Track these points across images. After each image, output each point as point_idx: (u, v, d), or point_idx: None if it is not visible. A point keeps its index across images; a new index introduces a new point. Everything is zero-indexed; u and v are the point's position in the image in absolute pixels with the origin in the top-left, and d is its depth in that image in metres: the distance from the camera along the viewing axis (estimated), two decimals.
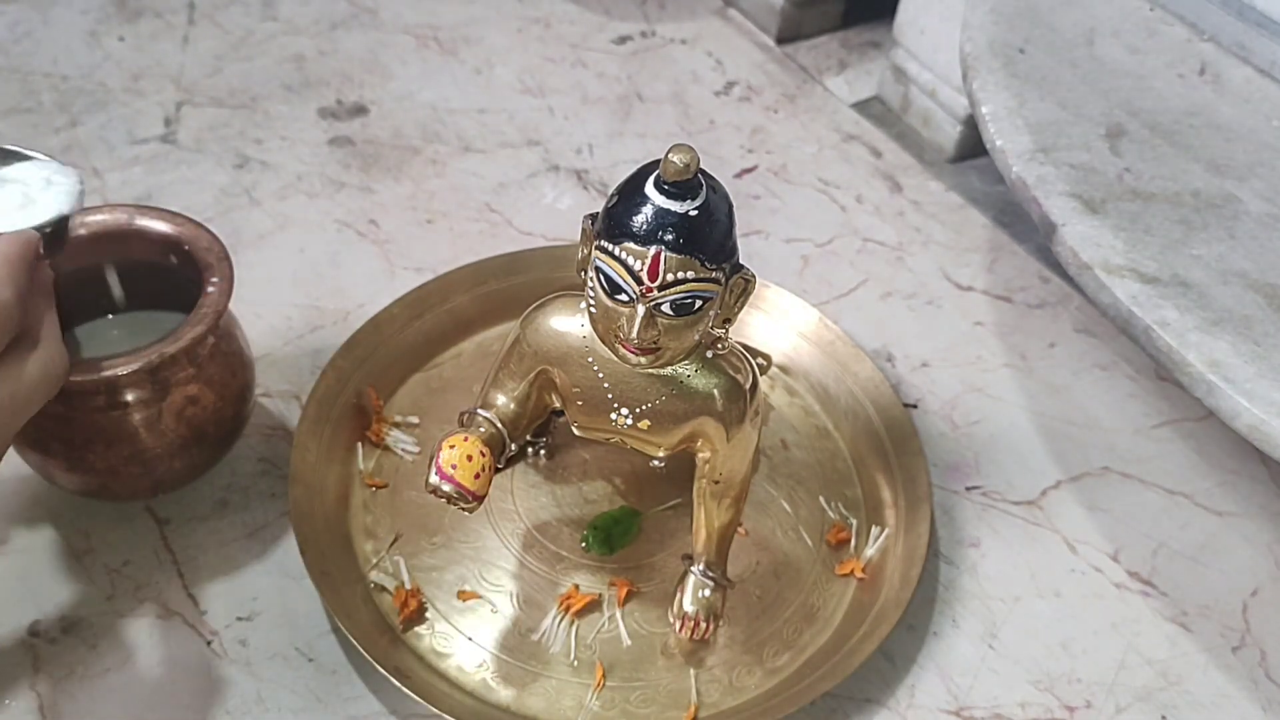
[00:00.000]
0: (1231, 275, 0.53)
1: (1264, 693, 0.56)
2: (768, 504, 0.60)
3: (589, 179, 0.81)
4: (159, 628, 0.54)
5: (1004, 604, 0.58)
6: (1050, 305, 0.75)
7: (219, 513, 0.58)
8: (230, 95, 0.85)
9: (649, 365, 0.46)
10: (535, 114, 0.86)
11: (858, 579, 0.58)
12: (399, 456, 0.61)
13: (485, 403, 0.50)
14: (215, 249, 0.54)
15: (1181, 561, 0.61)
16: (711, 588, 0.53)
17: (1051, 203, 0.56)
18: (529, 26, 0.95)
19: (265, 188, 0.77)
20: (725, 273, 0.43)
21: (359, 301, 0.70)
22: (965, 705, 0.54)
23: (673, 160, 0.40)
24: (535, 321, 0.48)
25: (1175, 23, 0.69)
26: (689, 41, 0.96)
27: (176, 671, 0.52)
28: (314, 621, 0.55)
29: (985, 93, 0.62)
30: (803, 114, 0.89)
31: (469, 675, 0.53)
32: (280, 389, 0.64)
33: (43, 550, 0.56)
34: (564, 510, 0.59)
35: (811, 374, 0.66)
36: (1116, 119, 0.62)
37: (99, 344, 0.57)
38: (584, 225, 0.44)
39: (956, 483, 0.64)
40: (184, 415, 0.52)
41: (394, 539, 0.57)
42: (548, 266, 0.68)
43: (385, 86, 0.87)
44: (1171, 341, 0.49)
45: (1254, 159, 0.60)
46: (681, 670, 0.54)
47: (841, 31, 0.99)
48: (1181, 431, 0.68)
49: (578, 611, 0.55)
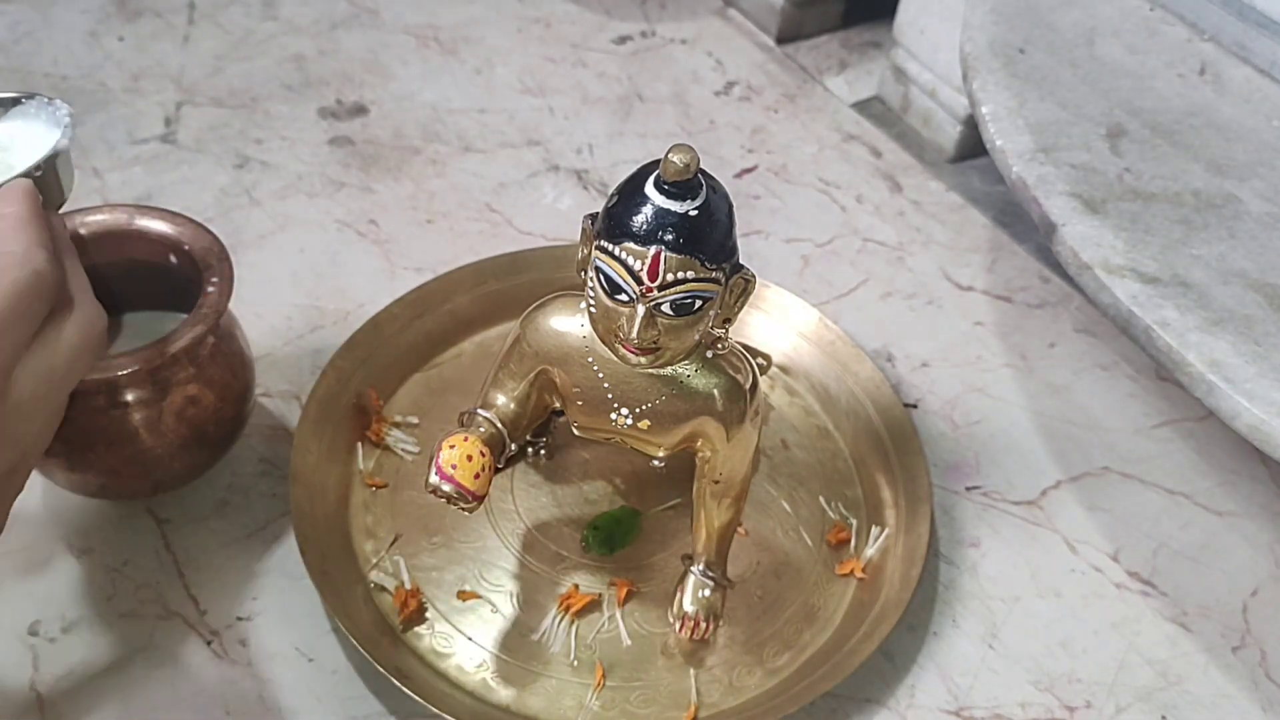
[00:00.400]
0: (1232, 275, 0.53)
1: (1264, 693, 0.56)
2: (768, 504, 0.60)
3: (589, 179, 0.81)
4: (159, 628, 0.54)
5: (1004, 604, 0.58)
6: (1050, 305, 0.75)
7: (219, 513, 0.58)
8: (230, 95, 0.85)
9: (649, 365, 0.46)
10: (535, 114, 0.86)
11: (858, 579, 0.58)
12: (399, 456, 0.61)
13: (485, 403, 0.50)
14: (215, 249, 0.54)
15: (1182, 561, 0.61)
16: (711, 588, 0.53)
17: (1051, 203, 0.56)
18: (529, 26, 0.95)
19: (265, 188, 0.77)
20: (725, 273, 0.43)
21: (359, 301, 0.70)
22: (965, 705, 0.54)
23: (673, 160, 0.40)
24: (535, 321, 0.48)
25: (1175, 23, 0.69)
26: (689, 41, 0.96)
27: (176, 672, 0.52)
28: (314, 621, 0.55)
29: (985, 93, 0.62)
30: (803, 114, 0.89)
31: (469, 675, 0.53)
32: (280, 389, 0.64)
33: (43, 550, 0.56)
34: (564, 510, 0.59)
35: (812, 374, 0.66)
36: (1116, 119, 0.62)
37: None
38: (584, 225, 0.44)
39: (956, 482, 0.64)
40: (184, 415, 0.52)
41: (394, 539, 0.57)
42: (548, 266, 0.68)
43: (385, 86, 0.87)
44: (1171, 341, 0.49)
45: (1254, 159, 0.60)
46: (681, 670, 0.54)
47: (841, 31, 0.99)
48: (1182, 431, 0.68)
49: (578, 611, 0.55)
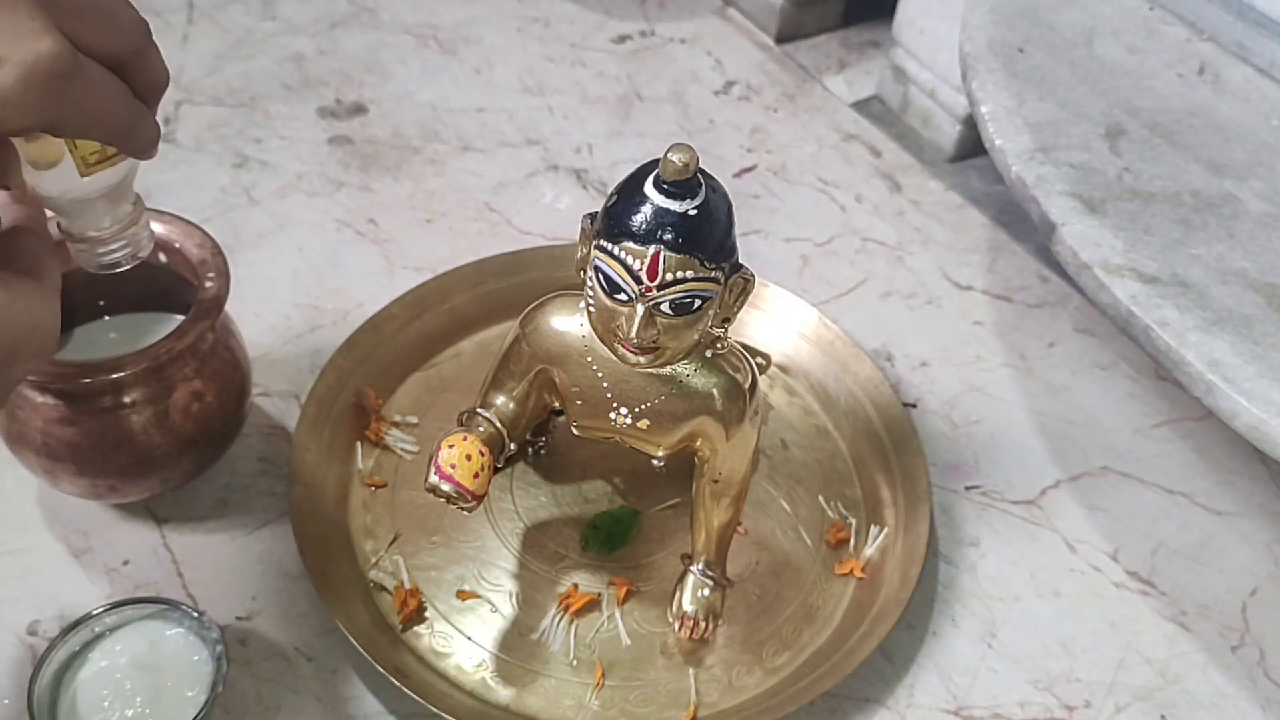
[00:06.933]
0: (1231, 275, 0.53)
1: (1263, 692, 0.56)
2: (767, 504, 0.60)
3: (588, 178, 0.81)
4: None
5: (1003, 603, 0.58)
6: (1050, 305, 0.75)
7: (219, 512, 0.58)
8: (229, 94, 0.85)
9: (648, 365, 0.46)
10: (535, 113, 0.86)
11: (857, 578, 0.58)
12: (398, 456, 0.61)
13: (485, 402, 0.50)
14: (207, 245, 0.54)
15: (1181, 561, 0.61)
16: (711, 587, 0.53)
17: (1051, 202, 0.56)
18: (528, 26, 0.95)
19: (264, 187, 0.77)
20: (724, 272, 0.43)
21: (358, 301, 0.70)
22: (964, 705, 0.54)
23: (672, 160, 0.40)
24: (535, 321, 0.48)
25: (1175, 22, 0.69)
26: (689, 41, 0.96)
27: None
28: (314, 621, 0.54)
29: (985, 92, 0.62)
30: (802, 113, 0.89)
31: (468, 675, 0.53)
32: (280, 388, 0.64)
33: (42, 550, 0.56)
34: (563, 510, 0.59)
35: (811, 374, 0.66)
36: (1116, 119, 0.62)
37: (94, 347, 0.57)
38: (583, 225, 0.44)
39: (956, 482, 0.64)
40: (190, 412, 0.52)
41: (393, 538, 0.57)
42: (547, 266, 0.68)
43: (385, 86, 0.87)
44: (1171, 341, 0.50)
45: (1254, 159, 0.60)
46: (681, 670, 0.54)
47: (841, 31, 0.99)
48: (1181, 431, 0.68)
49: (577, 611, 0.55)
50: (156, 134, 0.38)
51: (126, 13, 0.35)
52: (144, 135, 0.37)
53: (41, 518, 0.57)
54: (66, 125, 0.33)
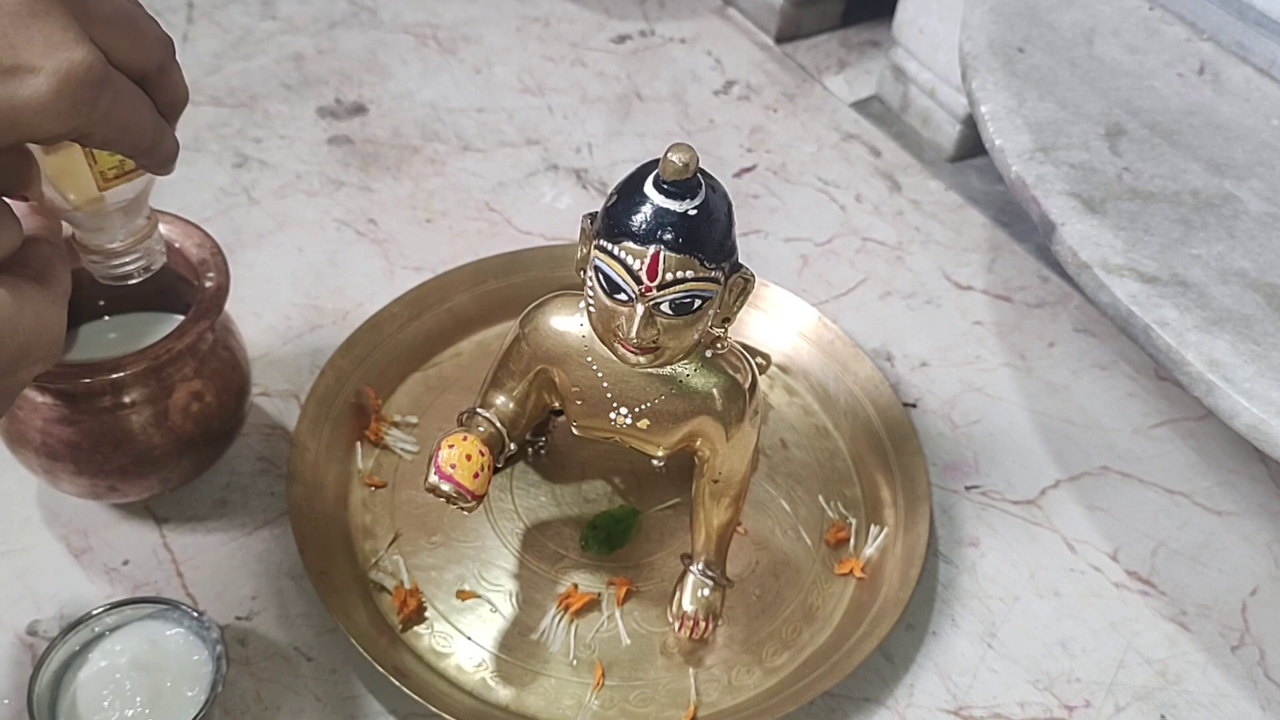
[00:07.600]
0: (1231, 275, 0.53)
1: (1263, 692, 0.56)
2: (767, 503, 0.60)
3: (588, 178, 0.81)
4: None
5: (1003, 603, 0.58)
6: (1050, 305, 0.75)
7: (218, 512, 0.58)
8: (229, 94, 0.85)
9: (648, 365, 0.46)
10: (534, 113, 0.86)
11: (857, 578, 0.58)
12: (398, 456, 0.61)
13: (484, 402, 0.50)
14: (207, 244, 0.54)
15: (1181, 561, 0.61)
16: (711, 587, 0.53)
17: (1051, 202, 0.56)
18: (528, 25, 0.95)
19: (264, 187, 0.77)
20: (724, 272, 0.43)
21: (358, 301, 0.70)
22: (964, 705, 0.54)
23: (672, 159, 0.40)
24: (534, 321, 0.48)
25: (1175, 22, 0.69)
26: (688, 41, 0.96)
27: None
28: (313, 621, 0.54)
29: (985, 92, 0.62)
30: (802, 113, 0.89)
31: (468, 675, 0.53)
32: (279, 388, 0.64)
33: (42, 550, 0.56)
34: (563, 510, 0.59)
35: (811, 373, 0.66)
36: (1116, 118, 0.62)
37: (94, 347, 0.57)
38: (583, 224, 0.44)
39: (956, 482, 0.64)
40: (189, 411, 0.52)
41: (393, 538, 0.57)
42: (547, 266, 0.68)
43: (384, 85, 0.87)
44: (1171, 341, 0.50)
45: (1253, 158, 0.60)
46: (680, 669, 0.54)
47: (841, 31, 0.99)
48: (1181, 431, 0.68)
49: (577, 611, 0.55)
50: (176, 150, 0.38)
51: (153, 29, 0.36)
52: (165, 150, 0.38)
53: (41, 517, 0.57)
54: (94, 135, 0.34)
